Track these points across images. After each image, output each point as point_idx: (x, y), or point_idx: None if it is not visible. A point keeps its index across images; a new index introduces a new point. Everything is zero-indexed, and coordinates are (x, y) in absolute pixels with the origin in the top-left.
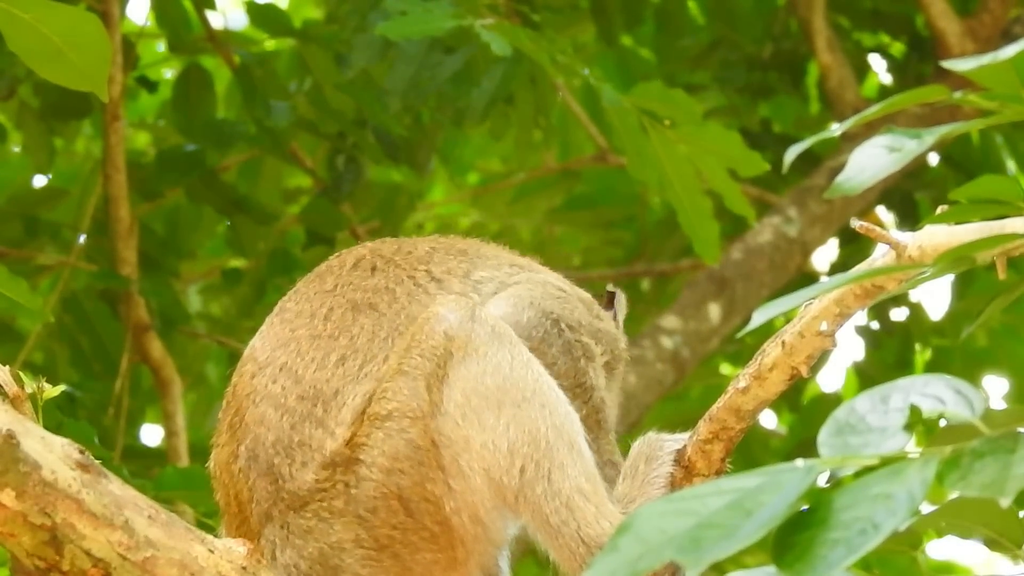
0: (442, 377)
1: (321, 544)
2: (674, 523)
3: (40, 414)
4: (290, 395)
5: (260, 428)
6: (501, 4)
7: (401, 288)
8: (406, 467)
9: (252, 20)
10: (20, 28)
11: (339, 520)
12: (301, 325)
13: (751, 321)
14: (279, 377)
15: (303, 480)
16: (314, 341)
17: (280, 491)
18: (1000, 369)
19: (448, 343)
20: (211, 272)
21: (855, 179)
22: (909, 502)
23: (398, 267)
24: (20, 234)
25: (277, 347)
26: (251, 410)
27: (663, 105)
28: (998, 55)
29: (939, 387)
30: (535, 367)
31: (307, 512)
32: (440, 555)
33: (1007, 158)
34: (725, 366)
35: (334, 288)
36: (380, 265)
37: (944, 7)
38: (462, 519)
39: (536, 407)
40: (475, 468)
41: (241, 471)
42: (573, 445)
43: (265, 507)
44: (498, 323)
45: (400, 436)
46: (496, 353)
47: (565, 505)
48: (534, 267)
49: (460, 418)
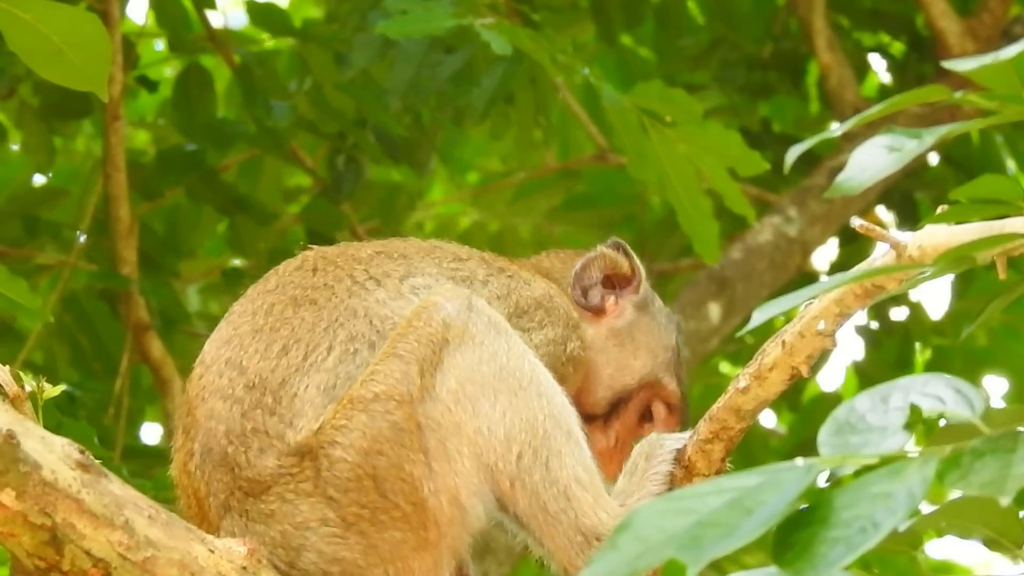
0: (436, 363)
1: (284, 526)
2: (674, 521)
3: (40, 414)
4: (236, 386)
5: (211, 422)
6: (501, 3)
7: (340, 285)
8: (385, 448)
9: (252, 19)
10: (20, 28)
11: (305, 501)
12: (244, 323)
13: (751, 321)
14: (224, 371)
15: (263, 466)
16: (256, 335)
17: (237, 480)
18: (1000, 369)
19: (445, 331)
20: (211, 272)
21: (856, 179)
22: (909, 501)
23: (338, 267)
24: (20, 234)
25: (221, 345)
26: (200, 407)
27: (663, 104)
28: (999, 55)
29: (939, 386)
30: (530, 358)
31: (269, 496)
32: (410, 535)
33: (1007, 158)
34: (725, 366)
35: (275, 287)
36: (321, 265)
37: (944, 7)
38: (440, 501)
39: (533, 395)
40: (464, 452)
41: (197, 468)
42: (571, 434)
43: (222, 498)
44: (494, 314)
45: (384, 418)
46: (493, 342)
47: (563, 493)
48: (476, 275)
49: (452, 403)
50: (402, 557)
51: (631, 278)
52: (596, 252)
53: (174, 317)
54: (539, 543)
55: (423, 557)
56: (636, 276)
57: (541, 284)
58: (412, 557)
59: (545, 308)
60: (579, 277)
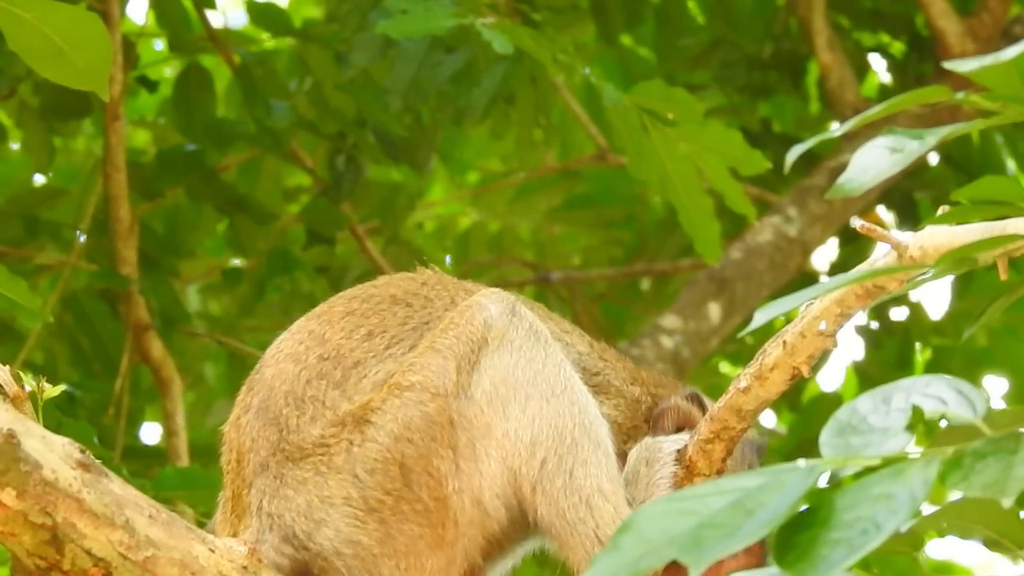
0: (473, 362)
1: (312, 496)
2: (676, 523)
3: (40, 414)
4: (312, 354)
5: (275, 381)
6: (501, 3)
7: (439, 301)
8: (415, 438)
9: (252, 19)
10: (20, 27)
11: (335, 476)
12: (339, 303)
13: (752, 321)
14: (304, 340)
15: (309, 433)
16: (347, 316)
17: (282, 441)
18: (1000, 369)
19: (486, 331)
20: (211, 272)
21: (857, 180)
22: (911, 502)
23: (446, 289)
24: (20, 234)
25: (311, 318)
26: (271, 367)
27: (664, 104)
28: (999, 56)
29: (941, 388)
30: (567, 368)
31: (306, 464)
32: (428, 531)
33: (1007, 158)
34: (725, 366)
35: (381, 284)
36: (432, 282)
37: (944, 7)
38: (463, 500)
39: (565, 404)
40: (492, 454)
41: (249, 423)
42: (599, 445)
43: (263, 456)
44: (536, 321)
45: (417, 407)
46: (531, 348)
47: (584, 503)
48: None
49: (485, 404)
50: (416, 552)
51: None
52: (671, 404)
53: (174, 317)
54: (559, 550)
55: (437, 555)
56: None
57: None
58: (426, 554)
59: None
60: (654, 428)
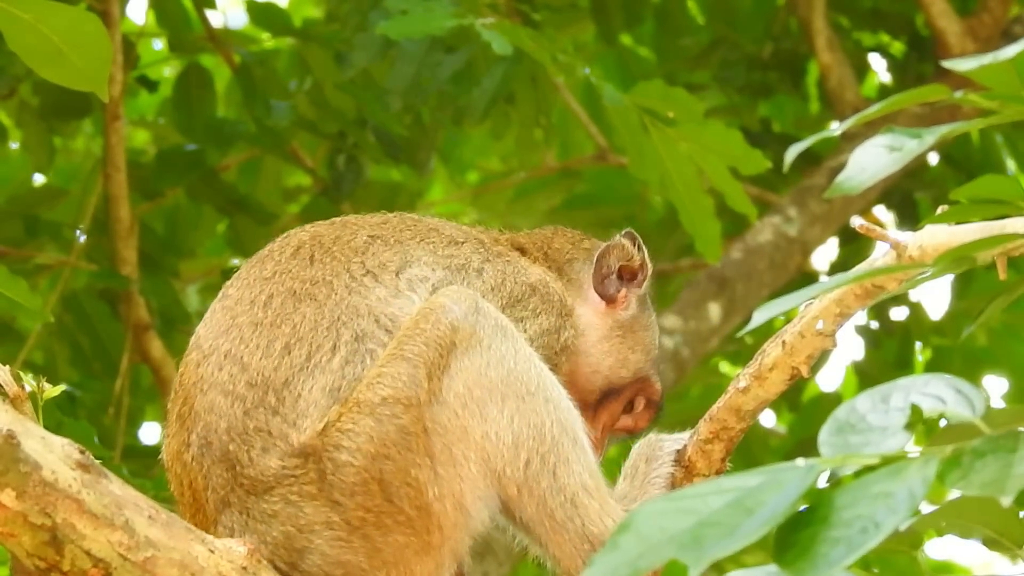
0: (443, 367)
1: (287, 527)
2: (675, 521)
3: (40, 414)
4: (238, 382)
5: (210, 416)
6: (501, 3)
7: (338, 280)
8: (392, 453)
9: (252, 19)
10: (20, 28)
11: (309, 504)
12: (242, 312)
13: (751, 321)
14: (224, 364)
15: (265, 466)
16: (256, 328)
17: (238, 477)
18: (1000, 369)
19: (453, 334)
20: (211, 272)
21: (856, 179)
22: (910, 501)
23: (335, 259)
24: (20, 234)
25: (219, 335)
26: (199, 398)
27: (664, 103)
28: (999, 55)
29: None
30: (536, 361)
31: (272, 496)
32: (414, 539)
33: (1007, 158)
34: (725, 366)
35: (273, 275)
36: (318, 255)
37: (944, 7)
38: (444, 505)
39: (540, 401)
40: (471, 457)
41: (194, 459)
42: (577, 440)
43: (222, 494)
44: (500, 316)
45: (391, 422)
46: (500, 346)
47: (570, 501)
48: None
49: (459, 408)
50: (405, 561)
51: (638, 272)
52: (615, 241)
53: (174, 317)
54: (545, 549)
55: (425, 560)
56: (644, 270)
57: (537, 270)
58: (415, 561)
59: (540, 295)
60: (599, 265)
